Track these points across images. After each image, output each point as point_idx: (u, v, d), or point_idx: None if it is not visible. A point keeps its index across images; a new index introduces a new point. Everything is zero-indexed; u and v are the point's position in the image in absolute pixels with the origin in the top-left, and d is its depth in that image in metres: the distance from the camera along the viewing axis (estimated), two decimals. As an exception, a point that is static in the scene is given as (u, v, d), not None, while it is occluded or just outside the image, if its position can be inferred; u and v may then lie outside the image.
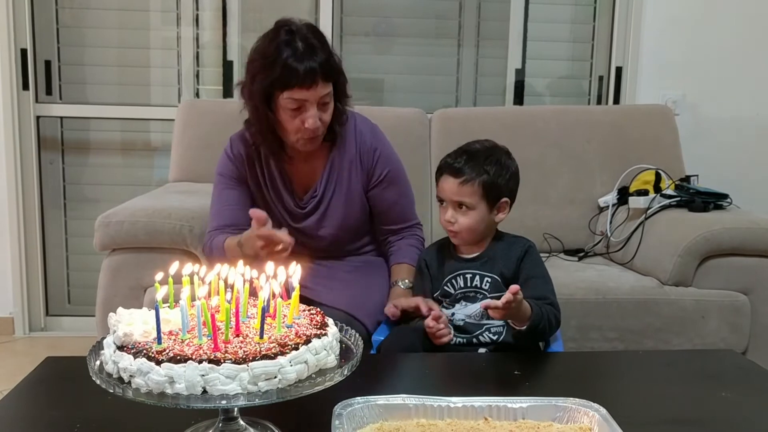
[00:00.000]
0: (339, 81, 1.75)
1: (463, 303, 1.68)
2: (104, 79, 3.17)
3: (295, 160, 1.87)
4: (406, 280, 1.87)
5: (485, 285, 1.66)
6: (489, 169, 1.63)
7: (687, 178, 2.60)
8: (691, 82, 3.13)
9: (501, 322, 1.61)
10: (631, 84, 3.12)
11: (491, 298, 1.59)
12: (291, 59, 1.65)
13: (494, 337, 1.63)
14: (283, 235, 1.59)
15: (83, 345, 1.33)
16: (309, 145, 1.78)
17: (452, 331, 1.64)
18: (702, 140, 3.06)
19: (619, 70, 3.15)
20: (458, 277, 1.69)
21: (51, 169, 3.19)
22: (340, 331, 1.13)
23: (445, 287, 1.70)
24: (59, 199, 3.22)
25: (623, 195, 2.59)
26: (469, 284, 1.68)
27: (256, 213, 1.61)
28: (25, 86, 3.03)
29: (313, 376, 0.99)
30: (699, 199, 2.38)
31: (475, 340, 1.63)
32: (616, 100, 3.17)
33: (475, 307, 1.65)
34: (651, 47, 3.11)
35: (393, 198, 1.94)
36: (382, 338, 1.70)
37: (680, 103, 3.10)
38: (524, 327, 1.52)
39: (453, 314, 1.67)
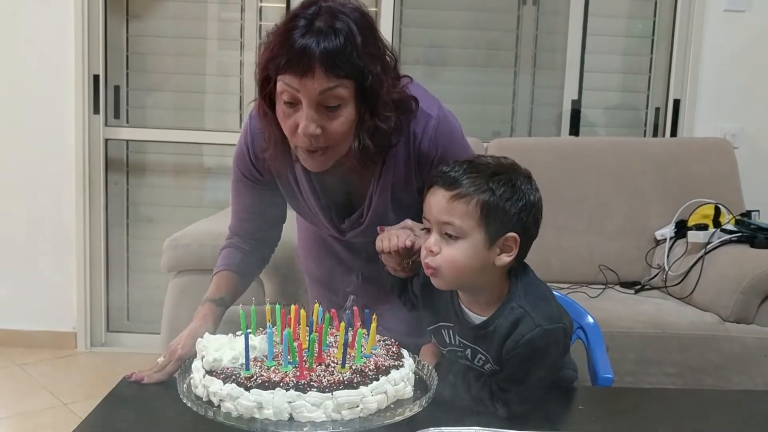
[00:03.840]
0: (365, 84, 1.27)
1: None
2: (166, 104, 3.30)
3: (328, 171, 1.39)
4: None
5: (478, 361, 1.24)
6: (495, 188, 1.17)
7: (748, 213, 2.58)
8: (750, 114, 3.10)
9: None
10: (689, 116, 3.11)
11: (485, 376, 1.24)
12: (294, 33, 1.23)
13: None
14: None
15: (142, 361, 1.40)
16: (310, 162, 1.34)
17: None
18: (762, 174, 3.02)
19: (676, 102, 3.14)
20: (451, 332, 1.27)
21: (115, 190, 3.32)
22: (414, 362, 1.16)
23: (434, 335, 1.32)
24: (122, 219, 3.33)
25: (681, 228, 2.58)
26: (460, 352, 1.27)
27: None
28: (96, 110, 3.16)
29: (391, 405, 1.03)
30: (762, 236, 2.36)
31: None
32: (674, 133, 3.16)
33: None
34: (709, 79, 3.10)
35: None
36: None
37: (739, 136, 3.07)
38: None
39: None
